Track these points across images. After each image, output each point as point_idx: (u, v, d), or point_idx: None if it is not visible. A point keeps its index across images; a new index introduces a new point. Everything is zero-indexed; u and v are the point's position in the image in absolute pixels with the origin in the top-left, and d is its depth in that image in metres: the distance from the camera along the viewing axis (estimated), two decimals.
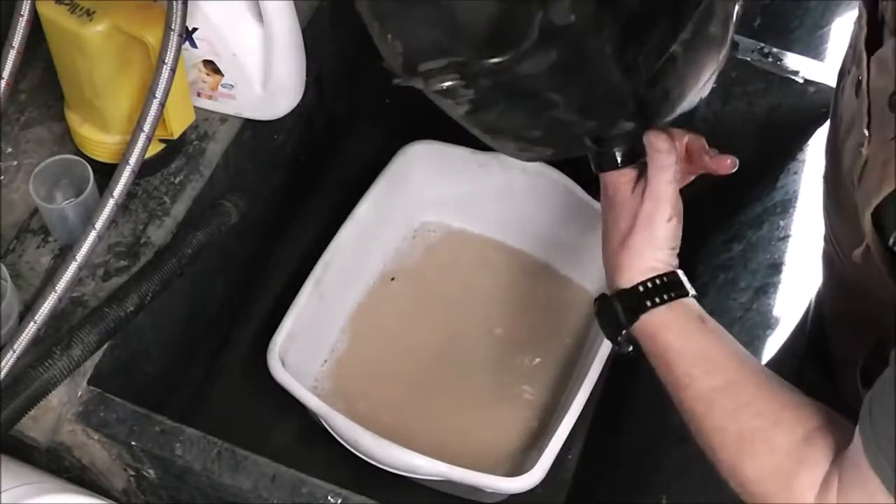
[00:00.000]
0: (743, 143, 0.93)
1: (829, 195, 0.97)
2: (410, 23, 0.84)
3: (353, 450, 1.12)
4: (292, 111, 1.15)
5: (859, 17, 0.87)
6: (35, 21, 0.98)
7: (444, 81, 0.81)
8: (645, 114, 0.84)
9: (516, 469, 1.13)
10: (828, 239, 0.99)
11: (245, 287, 1.29)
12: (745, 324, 1.15)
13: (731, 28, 0.83)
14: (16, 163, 1.09)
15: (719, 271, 1.30)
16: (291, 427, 1.24)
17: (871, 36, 0.84)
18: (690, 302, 0.84)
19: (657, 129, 0.85)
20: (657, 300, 0.84)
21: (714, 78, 0.85)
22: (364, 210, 1.24)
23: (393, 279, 1.29)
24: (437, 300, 1.30)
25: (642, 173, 0.86)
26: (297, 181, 1.31)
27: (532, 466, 1.08)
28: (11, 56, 0.98)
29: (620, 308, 0.85)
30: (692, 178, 0.90)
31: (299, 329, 1.17)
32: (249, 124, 1.15)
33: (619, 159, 0.87)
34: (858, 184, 0.80)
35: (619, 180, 0.87)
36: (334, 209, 1.28)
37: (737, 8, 0.83)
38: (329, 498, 0.95)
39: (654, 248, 0.86)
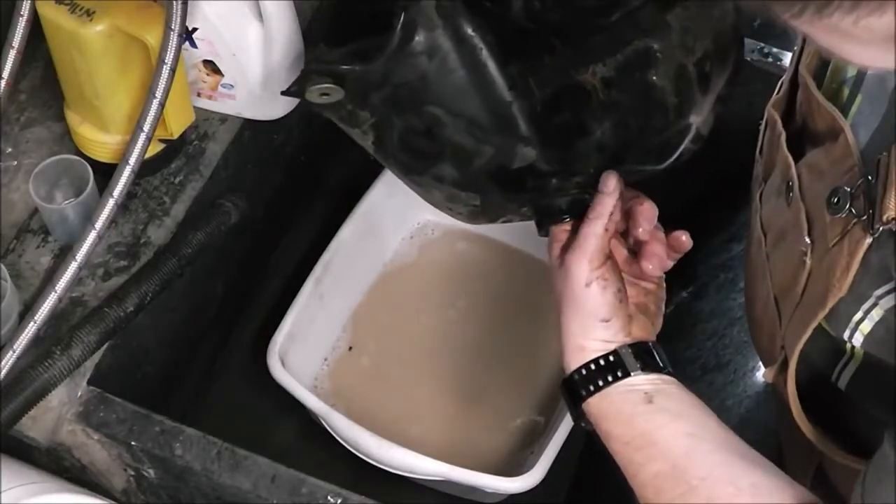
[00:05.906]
0: (743, 143, 0.93)
1: (747, 313, 0.93)
2: (332, 18, 0.85)
3: (352, 450, 1.12)
4: (292, 111, 1.15)
5: (772, 124, 0.83)
6: (35, 21, 0.98)
7: (318, 85, 0.79)
8: (563, 156, 0.80)
9: (516, 469, 1.13)
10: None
11: (245, 287, 1.29)
12: (746, 324, 1.15)
13: (694, 90, 0.80)
14: (16, 163, 1.09)
15: (719, 271, 1.30)
16: (291, 427, 1.24)
17: (790, 138, 0.80)
18: (635, 381, 0.77)
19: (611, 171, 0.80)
20: (591, 388, 0.77)
21: (677, 147, 0.80)
22: (364, 210, 1.24)
23: (351, 349, 1.26)
24: (436, 300, 1.30)
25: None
26: (297, 181, 1.31)
27: (532, 466, 1.08)
28: (11, 56, 0.98)
29: (565, 396, 0.80)
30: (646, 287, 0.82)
31: (299, 329, 1.17)
32: (249, 124, 1.15)
33: (562, 209, 0.81)
34: (801, 297, 0.76)
35: (555, 238, 0.81)
36: (334, 209, 1.28)
37: (712, 75, 0.79)
38: (329, 498, 0.95)
39: (582, 325, 0.78)
